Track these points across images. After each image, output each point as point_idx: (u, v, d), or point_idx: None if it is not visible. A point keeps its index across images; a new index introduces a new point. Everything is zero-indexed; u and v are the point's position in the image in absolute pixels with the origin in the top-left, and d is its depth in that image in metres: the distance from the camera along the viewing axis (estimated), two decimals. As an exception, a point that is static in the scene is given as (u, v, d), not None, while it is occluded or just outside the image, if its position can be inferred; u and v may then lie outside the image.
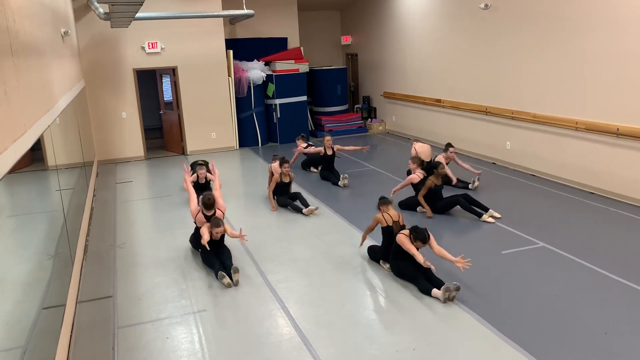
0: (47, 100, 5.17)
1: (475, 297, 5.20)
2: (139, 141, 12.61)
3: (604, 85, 7.86)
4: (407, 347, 4.44)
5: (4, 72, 3.32)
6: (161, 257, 6.62)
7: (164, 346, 4.64)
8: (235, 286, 5.70)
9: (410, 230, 5.48)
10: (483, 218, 7.24)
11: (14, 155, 3.32)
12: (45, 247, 4.35)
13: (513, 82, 9.70)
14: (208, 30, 12.54)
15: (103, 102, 12.14)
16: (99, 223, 8.11)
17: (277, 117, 13.69)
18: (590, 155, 8.28)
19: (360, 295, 5.42)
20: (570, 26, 8.28)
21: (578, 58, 8.23)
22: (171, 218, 8.10)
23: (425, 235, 5.39)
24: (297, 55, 14.00)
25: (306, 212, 7.84)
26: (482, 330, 4.64)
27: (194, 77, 12.62)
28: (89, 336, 4.89)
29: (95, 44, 11.83)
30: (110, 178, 10.98)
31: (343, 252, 6.46)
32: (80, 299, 5.61)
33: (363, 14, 15.30)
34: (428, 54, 12.31)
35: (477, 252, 6.29)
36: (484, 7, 10.00)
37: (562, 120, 8.63)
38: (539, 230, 6.83)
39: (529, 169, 9.63)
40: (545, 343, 4.39)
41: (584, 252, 6.11)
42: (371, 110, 15.63)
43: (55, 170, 5.41)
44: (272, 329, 4.84)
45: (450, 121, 11.78)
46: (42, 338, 3.64)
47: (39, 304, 3.74)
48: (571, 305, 4.97)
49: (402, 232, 5.54)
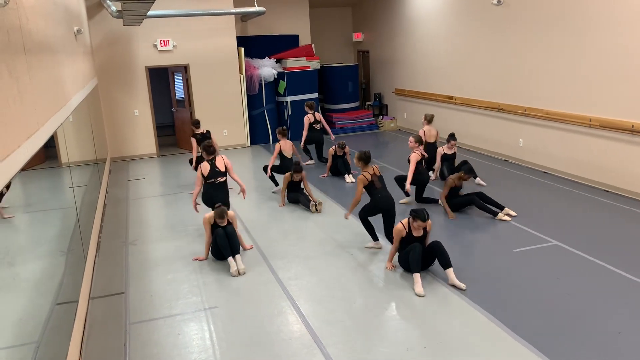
0: (60, 98, 5.21)
1: (487, 296, 5.17)
2: (151, 138, 12.69)
3: (618, 81, 7.76)
4: (417, 345, 4.43)
5: (17, 70, 3.35)
6: (173, 254, 6.66)
7: (175, 342, 4.67)
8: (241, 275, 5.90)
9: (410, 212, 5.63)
10: (499, 217, 7.19)
11: (27, 153, 3.35)
12: (58, 243, 4.40)
13: (526, 79, 9.62)
14: (220, 27, 12.56)
15: (115, 100, 12.23)
16: (111, 220, 8.17)
17: (288, 115, 13.70)
18: (605, 153, 8.19)
19: (371, 292, 5.41)
20: (584, 22, 8.19)
21: (592, 54, 8.14)
22: (183, 215, 8.14)
23: (424, 214, 5.50)
24: (309, 53, 13.99)
25: (312, 208, 7.91)
26: (494, 328, 4.61)
27: (206, 74, 12.66)
28: (101, 332, 4.93)
29: (108, 42, 11.91)
30: (122, 175, 11.06)
31: (353, 250, 6.45)
32: (93, 295, 5.66)
33: (375, 11, 15.25)
34: (440, 51, 12.24)
35: (489, 250, 6.25)
36: (496, 3, 9.91)
37: (576, 117, 8.54)
38: (552, 228, 6.77)
39: (541, 167, 9.55)
40: (558, 342, 4.35)
41: (597, 250, 6.05)
42: (382, 107, 15.59)
43: (69, 167, 5.46)
44: (283, 326, 4.85)
45: (462, 118, 11.71)
46: (55, 334, 3.68)
47: (52, 299, 3.77)
48: (584, 304, 4.92)
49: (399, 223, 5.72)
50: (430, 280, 5.55)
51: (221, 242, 6.04)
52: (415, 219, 5.50)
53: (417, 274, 5.39)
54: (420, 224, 5.50)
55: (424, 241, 5.67)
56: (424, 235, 5.66)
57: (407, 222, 5.65)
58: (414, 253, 5.44)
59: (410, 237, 5.64)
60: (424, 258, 5.59)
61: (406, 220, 5.70)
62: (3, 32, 3.09)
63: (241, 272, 5.94)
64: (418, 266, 5.42)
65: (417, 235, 5.62)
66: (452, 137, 8.90)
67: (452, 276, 5.39)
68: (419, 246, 5.49)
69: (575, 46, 8.43)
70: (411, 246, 5.52)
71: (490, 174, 9.47)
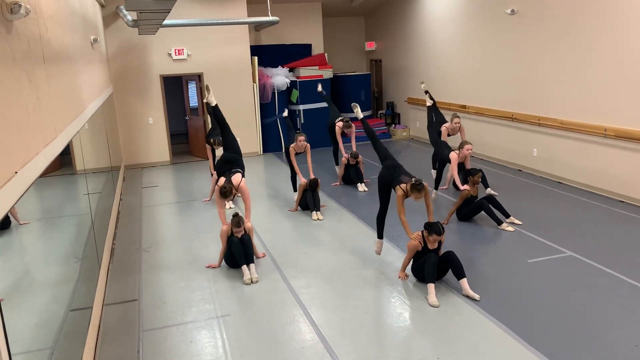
0: (76, 106, 5.27)
1: (501, 306, 5.12)
2: (165, 146, 12.78)
3: (634, 91, 7.69)
4: (430, 355, 4.39)
5: (36, 79, 3.40)
6: (186, 261, 6.68)
7: (187, 350, 4.67)
8: (254, 283, 5.89)
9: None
10: (502, 226, 7.14)
11: (45, 160, 3.39)
12: (73, 249, 4.43)
13: (540, 88, 9.56)
14: (233, 37, 12.66)
15: (130, 108, 12.35)
16: (125, 227, 8.23)
17: (300, 123, 13.74)
18: (620, 163, 8.10)
19: (384, 302, 5.39)
20: (598, 31, 8.14)
21: (607, 63, 8.08)
22: (196, 222, 8.17)
23: (439, 228, 5.47)
24: (322, 62, 14.04)
25: (313, 216, 7.99)
26: (508, 339, 4.56)
27: (219, 83, 12.74)
28: (115, 339, 4.95)
29: (123, 51, 12.05)
30: (136, 182, 11.14)
31: (365, 259, 6.43)
32: (107, 302, 5.69)
33: (387, 20, 15.28)
34: (453, 60, 12.23)
35: (503, 260, 6.20)
36: (510, 12, 9.89)
37: (591, 127, 8.46)
38: (566, 239, 6.70)
39: (555, 176, 9.47)
40: (573, 354, 4.29)
41: (613, 261, 5.97)
42: (395, 116, 15.58)
43: (84, 174, 5.51)
44: (295, 335, 4.84)
45: (476, 127, 11.66)
46: (69, 340, 3.70)
47: (67, 306, 3.80)
48: (600, 316, 4.86)
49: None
50: (443, 291, 5.51)
51: (236, 250, 6.04)
52: (431, 234, 5.46)
53: (432, 284, 5.35)
54: (436, 238, 5.46)
55: (437, 252, 5.64)
56: (438, 247, 5.63)
57: (422, 236, 5.61)
58: (429, 263, 5.40)
59: (425, 249, 5.61)
60: (437, 268, 5.56)
61: (419, 233, 5.66)
62: (24, 41, 3.15)
63: (254, 280, 5.94)
64: (433, 277, 5.39)
65: (432, 248, 5.59)
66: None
67: (466, 286, 5.35)
68: (434, 256, 5.45)
69: (589, 56, 8.38)
70: (427, 256, 5.49)
71: (504, 183, 9.41)
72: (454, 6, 11.91)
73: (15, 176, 2.69)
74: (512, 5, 9.88)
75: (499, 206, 7.36)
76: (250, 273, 5.97)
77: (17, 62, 2.96)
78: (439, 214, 7.78)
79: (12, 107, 2.79)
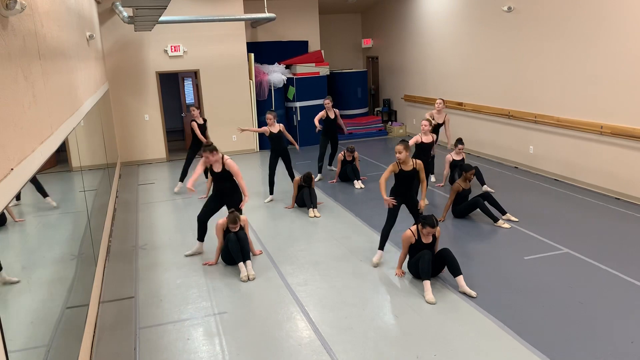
0: (72, 103, 5.25)
1: (498, 303, 5.13)
2: (161, 143, 12.75)
3: (630, 88, 7.71)
4: (428, 352, 4.40)
5: (32, 76, 3.38)
6: (182, 258, 6.67)
7: (184, 347, 4.67)
8: (251, 280, 5.89)
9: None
10: (498, 223, 7.16)
11: (41, 157, 3.37)
12: (69, 247, 4.42)
13: (536, 85, 9.58)
14: (230, 33, 12.63)
15: (126, 105, 12.31)
16: (121, 224, 8.20)
17: (297, 120, 13.72)
18: (616, 160, 8.13)
19: (381, 299, 5.39)
20: (595, 28, 8.15)
21: (603, 61, 8.10)
22: (192, 219, 8.15)
23: (433, 221, 5.50)
24: (318, 59, 14.02)
25: (310, 214, 7.99)
26: (505, 336, 4.57)
27: (216, 80, 12.72)
28: (111, 336, 4.94)
29: (119, 47, 12.00)
30: (132, 179, 11.11)
31: (363, 256, 6.44)
32: (103, 299, 5.68)
33: (384, 17, 15.27)
34: (449, 57, 12.23)
35: (500, 257, 6.21)
36: (507, 9, 9.90)
37: (587, 124, 8.49)
38: (563, 236, 6.72)
39: (552, 174, 9.49)
40: (569, 351, 4.31)
41: (609, 258, 6.00)
42: (391, 113, 15.58)
43: (80, 171, 5.49)
44: (292, 332, 4.84)
45: (472, 124, 11.68)
46: (65, 337, 3.69)
47: (63, 303, 3.79)
48: (596, 313, 4.88)
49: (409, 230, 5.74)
50: (440, 288, 5.52)
51: (233, 248, 6.04)
52: (425, 226, 5.48)
53: (427, 281, 5.36)
54: (430, 231, 5.49)
55: (433, 248, 5.65)
56: (432, 242, 5.64)
57: (416, 229, 5.63)
58: (423, 260, 5.41)
59: (420, 243, 5.62)
60: (433, 265, 5.56)
61: (415, 226, 5.68)
62: (19, 37, 3.13)
63: (251, 277, 5.94)
64: (428, 274, 5.40)
65: (427, 242, 5.60)
66: (460, 142, 8.87)
67: (463, 283, 5.36)
68: (428, 253, 5.46)
69: (586, 53, 8.39)
70: (421, 253, 5.50)
71: (500, 181, 9.43)
72: (451, 3, 11.90)
73: (11, 173, 2.67)
74: (509, 2, 9.88)
75: (496, 203, 7.38)
76: (247, 270, 5.97)
77: (13, 59, 2.94)
78: (435, 214, 7.79)
79: (8, 103, 2.77)
